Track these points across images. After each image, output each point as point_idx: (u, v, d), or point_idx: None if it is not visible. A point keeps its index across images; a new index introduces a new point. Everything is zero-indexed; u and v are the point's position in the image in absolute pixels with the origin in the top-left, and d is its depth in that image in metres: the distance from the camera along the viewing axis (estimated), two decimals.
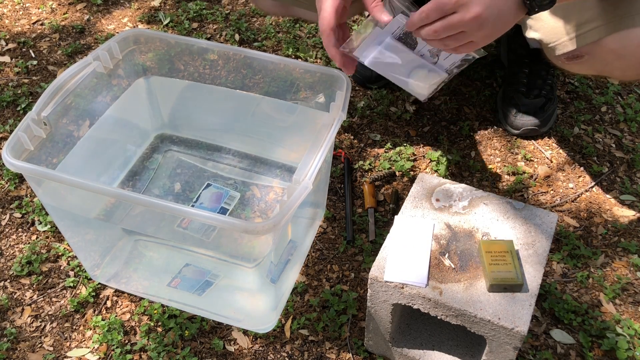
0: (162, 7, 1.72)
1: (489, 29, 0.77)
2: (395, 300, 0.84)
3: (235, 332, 1.02)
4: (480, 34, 0.77)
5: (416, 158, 1.30)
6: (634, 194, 1.23)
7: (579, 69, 1.05)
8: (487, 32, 0.77)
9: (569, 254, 1.12)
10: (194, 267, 1.02)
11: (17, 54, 1.57)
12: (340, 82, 0.96)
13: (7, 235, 1.17)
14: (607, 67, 0.99)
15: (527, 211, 0.90)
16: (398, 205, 1.19)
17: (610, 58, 0.95)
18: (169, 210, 0.79)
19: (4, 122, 1.38)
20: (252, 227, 0.77)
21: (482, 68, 1.48)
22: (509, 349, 0.80)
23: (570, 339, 1.01)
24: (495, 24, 0.77)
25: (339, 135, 1.35)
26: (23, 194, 1.24)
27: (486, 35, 0.78)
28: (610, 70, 1.00)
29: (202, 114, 1.23)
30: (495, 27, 0.78)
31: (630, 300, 1.06)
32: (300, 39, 1.60)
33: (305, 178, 0.81)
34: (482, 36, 0.78)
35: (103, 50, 1.02)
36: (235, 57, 1.07)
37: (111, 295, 1.08)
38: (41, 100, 0.93)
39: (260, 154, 1.25)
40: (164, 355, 0.99)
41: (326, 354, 0.99)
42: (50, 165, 0.96)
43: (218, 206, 1.16)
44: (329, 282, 1.09)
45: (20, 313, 1.06)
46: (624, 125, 1.38)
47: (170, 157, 1.25)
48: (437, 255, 0.85)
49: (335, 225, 1.18)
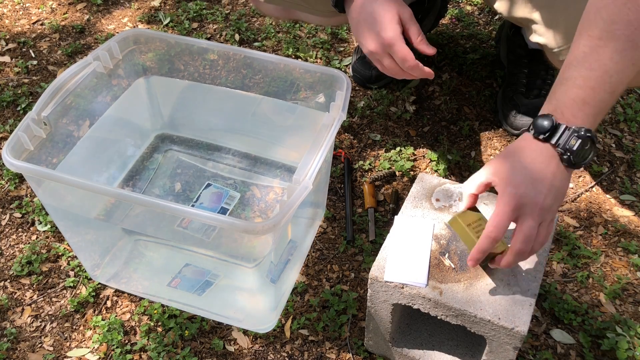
0: (162, 7, 1.72)
1: (548, 207, 0.75)
2: (395, 300, 0.84)
3: (235, 332, 1.02)
4: (542, 215, 0.75)
5: (416, 158, 1.30)
6: (634, 194, 1.23)
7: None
8: (545, 212, 0.74)
9: (569, 254, 1.12)
10: (194, 267, 1.02)
11: (17, 54, 1.57)
12: (340, 82, 0.96)
13: (7, 235, 1.17)
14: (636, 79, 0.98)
15: None
16: (398, 205, 1.19)
17: None
18: (169, 210, 0.79)
19: (4, 122, 1.38)
20: (252, 227, 0.77)
21: (482, 68, 1.48)
22: (509, 349, 0.80)
23: (570, 339, 1.01)
24: (554, 200, 0.75)
25: (339, 135, 1.35)
26: (23, 194, 1.24)
27: (547, 216, 0.75)
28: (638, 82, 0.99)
29: (202, 114, 1.23)
30: (555, 201, 0.75)
31: (630, 300, 1.06)
32: (300, 39, 1.60)
33: (305, 178, 0.81)
34: (544, 218, 0.75)
35: (103, 50, 1.02)
36: (235, 57, 1.07)
37: (111, 295, 1.08)
38: (41, 100, 0.93)
39: (260, 154, 1.25)
40: (164, 355, 0.99)
41: (326, 354, 0.99)
42: (50, 165, 0.96)
43: (218, 206, 1.16)
44: (329, 282, 1.09)
45: (20, 313, 1.06)
46: (624, 125, 1.38)
47: (171, 157, 1.25)
48: (437, 255, 0.85)
49: (335, 225, 1.18)
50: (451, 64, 1.51)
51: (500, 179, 0.75)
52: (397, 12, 0.89)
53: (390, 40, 0.88)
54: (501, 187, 0.74)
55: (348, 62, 1.52)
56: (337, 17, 1.17)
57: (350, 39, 1.60)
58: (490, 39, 1.58)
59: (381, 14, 0.89)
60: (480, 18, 1.67)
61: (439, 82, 1.47)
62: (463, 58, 1.51)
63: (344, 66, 1.52)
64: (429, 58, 1.52)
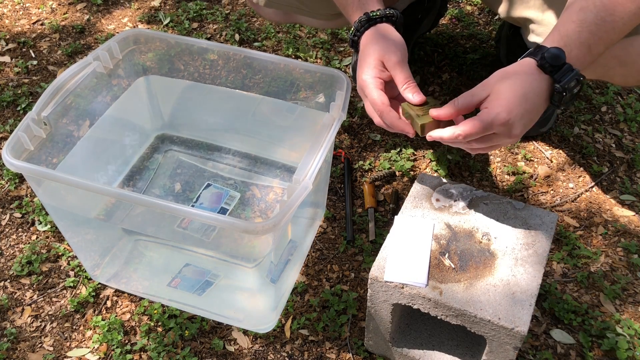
0: (162, 7, 1.72)
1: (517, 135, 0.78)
2: (395, 300, 0.84)
3: (235, 332, 1.02)
4: (509, 141, 0.79)
5: (416, 158, 1.30)
6: (634, 194, 1.23)
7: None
8: (514, 139, 0.79)
9: (569, 254, 1.12)
10: (194, 267, 1.02)
11: (17, 54, 1.57)
12: (340, 82, 0.96)
13: (7, 235, 1.17)
14: (608, 73, 0.99)
15: (527, 211, 0.90)
16: (398, 205, 1.19)
17: (612, 64, 0.95)
18: (169, 210, 0.79)
19: (4, 122, 1.38)
20: (252, 227, 0.77)
21: (482, 68, 1.48)
22: (509, 349, 0.80)
23: (570, 339, 1.01)
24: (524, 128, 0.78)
25: (339, 135, 1.35)
26: (23, 194, 1.24)
27: (513, 141, 0.79)
28: (612, 76, 1.00)
29: (202, 114, 1.23)
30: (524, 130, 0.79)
31: (630, 300, 1.06)
32: (300, 39, 1.60)
33: (305, 178, 0.81)
34: (509, 142, 0.80)
35: (103, 50, 1.02)
36: (235, 57, 1.07)
37: (111, 295, 1.08)
38: (41, 100, 0.93)
39: (260, 154, 1.25)
40: (164, 355, 0.99)
41: (326, 354, 0.99)
42: (50, 165, 0.96)
43: (218, 206, 1.16)
44: (329, 282, 1.09)
45: (20, 313, 1.06)
46: (624, 125, 1.38)
47: (171, 157, 1.25)
48: (437, 255, 0.85)
49: (335, 225, 1.18)
50: (451, 64, 1.51)
51: (495, 99, 0.76)
52: (379, 57, 0.86)
53: (361, 84, 0.87)
54: (494, 106, 0.76)
55: (348, 62, 1.52)
56: (338, 20, 1.18)
57: None
58: (490, 39, 1.58)
59: (365, 56, 0.88)
60: (480, 18, 1.67)
61: (439, 82, 1.47)
62: (463, 58, 1.51)
63: (344, 66, 1.52)
64: (429, 57, 1.52)
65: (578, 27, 0.78)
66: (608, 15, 0.78)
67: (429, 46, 1.55)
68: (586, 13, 0.79)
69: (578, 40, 0.78)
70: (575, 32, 0.78)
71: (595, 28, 0.78)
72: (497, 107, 0.75)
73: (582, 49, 0.78)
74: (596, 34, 0.78)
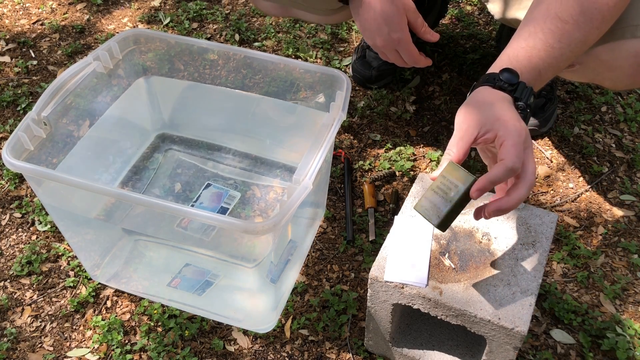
0: (162, 7, 1.72)
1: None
2: (395, 300, 0.84)
3: (235, 332, 1.02)
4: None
5: (416, 158, 1.30)
6: (634, 194, 1.23)
7: (571, 76, 1.06)
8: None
9: (569, 254, 1.12)
10: (194, 267, 1.02)
11: (17, 54, 1.57)
12: (340, 82, 0.96)
13: (7, 235, 1.17)
14: (598, 77, 0.99)
15: (527, 211, 0.90)
16: (398, 205, 1.19)
17: (601, 69, 0.95)
18: (169, 210, 0.79)
19: (4, 122, 1.38)
20: (252, 227, 0.77)
21: (482, 68, 1.48)
22: (509, 349, 0.80)
23: (570, 339, 1.01)
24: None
25: (339, 135, 1.35)
26: (23, 194, 1.24)
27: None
28: (601, 80, 1.00)
29: (202, 113, 1.23)
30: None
31: (630, 300, 1.06)
32: (300, 39, 1.60)
33: (305, 178, 0.81)
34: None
35: (103, 50, 1.02)
36: (235, 57, 1.07)
37: (111, 295, 1.08)
38: (41, 100, 0.93)
39: (260, 154, 1.25)
40: (164, 355, 0.99)
41: (326, 354, 0.99)
42: (50, 165, 0.96)
43: (218, 206, 1.16)
44: (329, 282, 1.09)
45: (20, 313, 1.06)
46: (624, 125, 1.38)
47: (171, 156, 1.25)
48: (437, 255, 0.85)
49: (335, 225, 1.18)
50: (451, 64, 1.51)
51: (494, 129, 0.74)
52: (404, 12, 0.93)
53: (399, 41, 0.95)
54: (502, 134, 0.73)
55: (348, 62, 1.52)
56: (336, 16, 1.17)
57: (350, 39, 1.60)
58: (490, 39, 1.58)
59: (390, 14, 0.93)
60: (480, 18, 1.67)
61: (439, 82, 1.47)
62: (463, 58, 1.51)
63: (344, 66, 1.52)
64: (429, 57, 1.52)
65: (527, 53, 0.80)
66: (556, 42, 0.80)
67: (429, 46, 1.55)
68: (535, 39, 0.80)
69: (529, 66, 0.80)
70: (526, 58, 0.80)
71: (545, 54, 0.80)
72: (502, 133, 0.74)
73: (531, 67, 0.80)
74: (545, 60, 0.80)
